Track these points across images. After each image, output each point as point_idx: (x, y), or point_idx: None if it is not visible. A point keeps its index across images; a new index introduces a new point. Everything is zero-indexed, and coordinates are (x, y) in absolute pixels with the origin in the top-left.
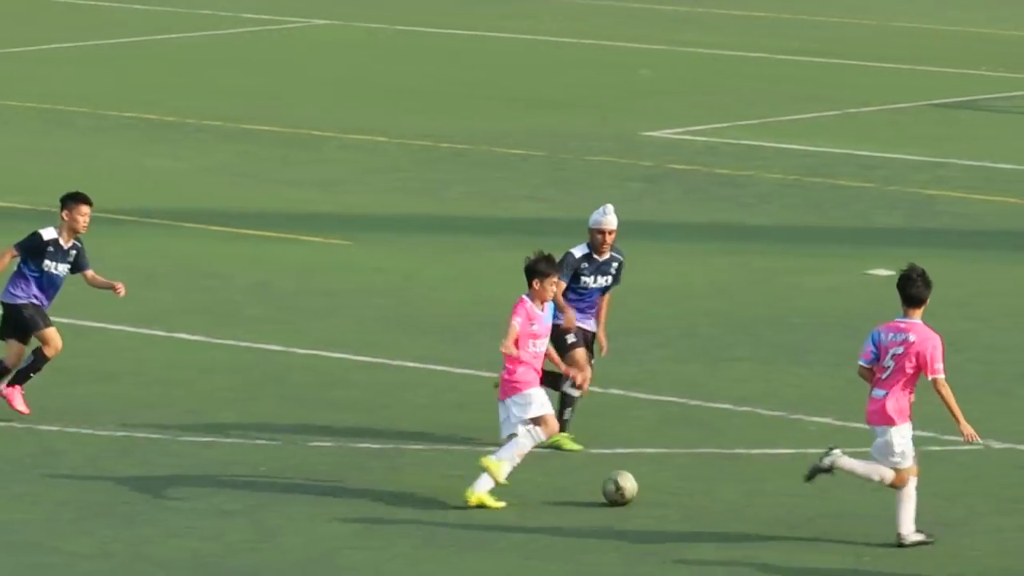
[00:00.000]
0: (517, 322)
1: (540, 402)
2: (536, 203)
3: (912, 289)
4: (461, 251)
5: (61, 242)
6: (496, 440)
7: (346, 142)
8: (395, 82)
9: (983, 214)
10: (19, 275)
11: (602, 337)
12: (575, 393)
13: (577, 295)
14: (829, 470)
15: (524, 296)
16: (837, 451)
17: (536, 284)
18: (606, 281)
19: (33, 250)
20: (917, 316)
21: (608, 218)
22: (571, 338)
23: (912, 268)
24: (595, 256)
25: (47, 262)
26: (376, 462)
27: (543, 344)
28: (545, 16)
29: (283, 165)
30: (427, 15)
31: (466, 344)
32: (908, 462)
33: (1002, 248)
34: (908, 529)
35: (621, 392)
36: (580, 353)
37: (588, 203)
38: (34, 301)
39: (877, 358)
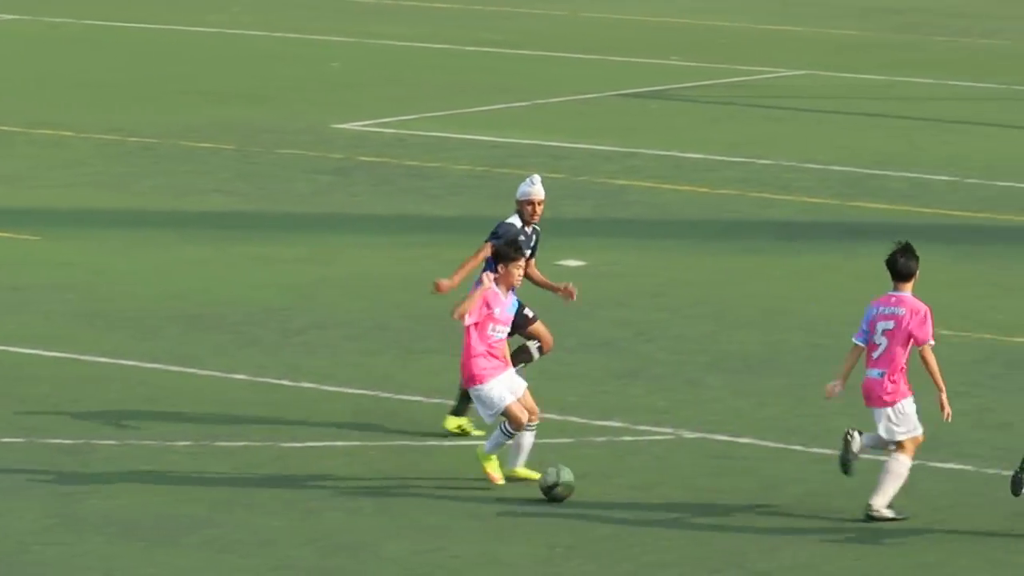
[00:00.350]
0: (476, 295)
1: (499, 396)
2: (225, 196)
3: (899, 263)
4: (151, 245)
5: None
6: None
7: (33, 137)
8: (82, 76)
9: (673, 203)
10: None
11: (558, 284)
12: (536, 355)
13: None
14: (857, 455)
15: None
16: (856, 436)
17: (501, 268)
18: (530, 252)
19: None
20: (907, 290)
21: (536, 188)
22: (530, 312)
23: (900, 243)
24: (526, 229)
25: None
26: (67, 457)
27: (503, 331)
28: (235, 9)
29: None
30: (114, 9)
31: (156, 338)
32: (919, 431)
33: (692, 237)
34: (881, 503)
35: (313, 385)
36: (541, 326)
37: (277, 196)
38: None
39: (866, 338)
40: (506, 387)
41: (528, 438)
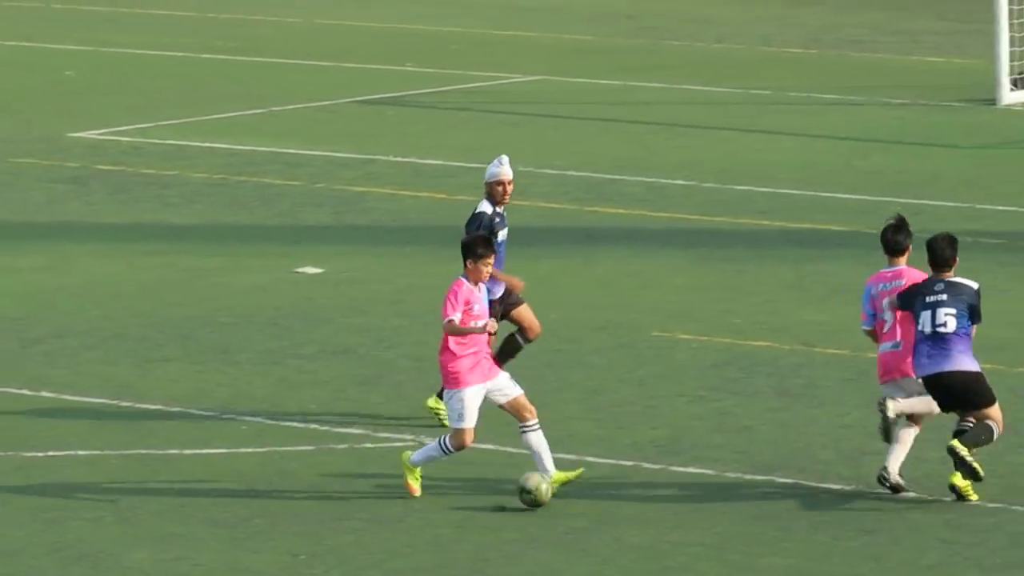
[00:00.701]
0: (455, 315)
1: (464, 415)
2: None
3: (896, 237)
4: None
5: None
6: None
7: None
8: None
9: (411, 210)
10: None
11: (514, 280)
12: (522, 343)
13: None
14: (895, 419)
15: (461, 278)
16: (889, 403)
17: (470, 264)
18: (507, 232)
19: None
20: (902, 263)
21: (504, 168)
22: (513, 297)
23: (894, 218)
24: (497, 209)
25: None
26: None
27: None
28: None
29: None
30: None
31: None
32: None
33: (430, 243)
34: (894, 469)
35: (52, 395)
36: (527, 309)
37: (13, 206)
38: None
39: (874, 315)
40: (475, 405)
41: (534, 439)
